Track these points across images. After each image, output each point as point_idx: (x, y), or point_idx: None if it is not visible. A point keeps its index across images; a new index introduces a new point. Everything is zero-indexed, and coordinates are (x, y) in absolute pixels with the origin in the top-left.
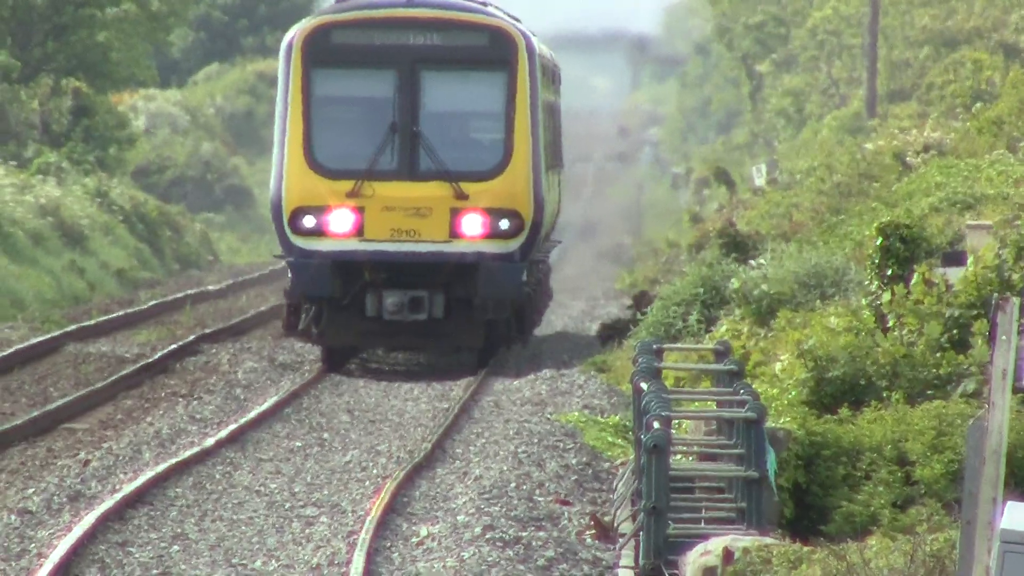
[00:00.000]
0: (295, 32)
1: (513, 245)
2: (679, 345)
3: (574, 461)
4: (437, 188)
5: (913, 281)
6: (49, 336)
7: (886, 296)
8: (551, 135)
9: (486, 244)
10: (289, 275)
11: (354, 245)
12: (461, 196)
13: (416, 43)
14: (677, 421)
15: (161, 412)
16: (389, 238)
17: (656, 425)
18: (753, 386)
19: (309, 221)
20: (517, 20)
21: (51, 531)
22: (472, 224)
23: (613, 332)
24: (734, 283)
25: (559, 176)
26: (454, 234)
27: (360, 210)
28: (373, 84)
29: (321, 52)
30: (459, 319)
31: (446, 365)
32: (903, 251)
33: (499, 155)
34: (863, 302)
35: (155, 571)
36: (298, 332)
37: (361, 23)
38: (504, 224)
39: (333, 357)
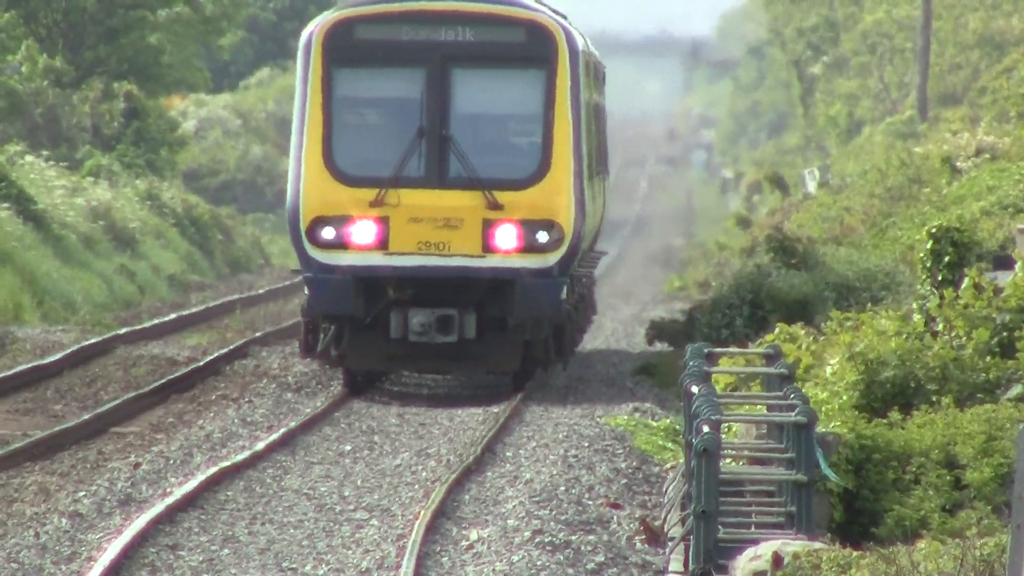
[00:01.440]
0: (314, 27)
1: (551, 259)
2: (729, 349)
3: (624, 465)
4: (468, 197)
5: (964, 285)
6: (100, 339)
7: (934, 300)
8: (595, 139)
9: (522, 258)
10: (306, 291)
11: (377, 259)
12: (495, 206)
13: (446, 39)
14: (727, 425)
15: (212, 415)
16: (416, 251)
17: (706, 429)
18: (803, 390)
19: (328, 233)
20: (560, 15)
21: (101, 534)
22: (507, 236)
23: (661, 333)
24: (770, 288)
25: (604, 183)
26: (487, 247)
27: (384, 221)
28: (399, 84)
29: (343, 49)
30: (492, 340)
31: (475, 389)
32: (954, 255)
33: (536, 161)
34: (914, 305)
35: (205, 574)
36: (316, 354)
37: (386, 17)
38: (542, 237)
39: (355, 381)
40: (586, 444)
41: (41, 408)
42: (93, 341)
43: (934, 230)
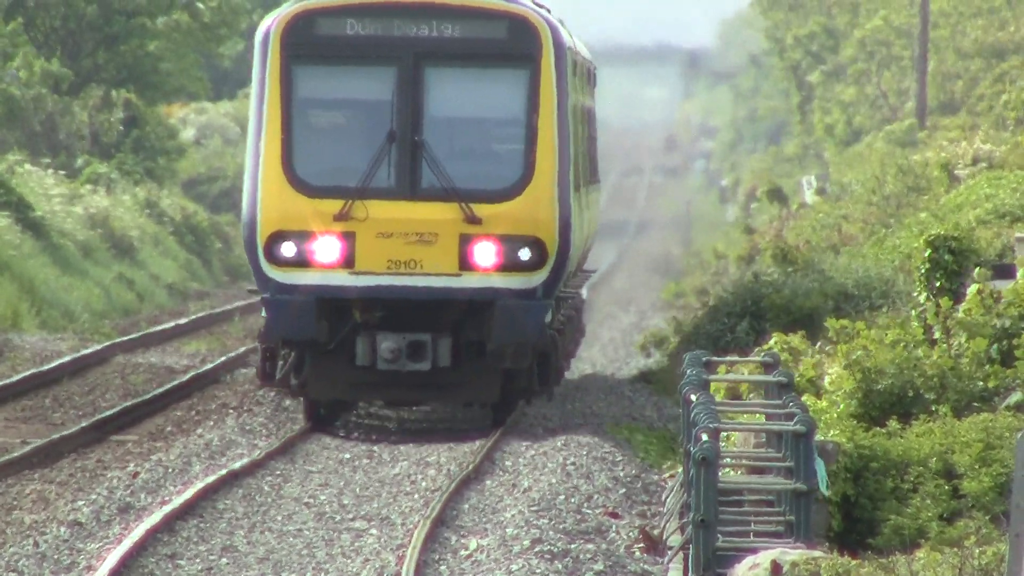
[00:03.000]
0: (272, 20)
1: (535, 279)
2: (728, 358)
3: (623, 473)
4: (443, 210)
5: (970, 292)
6: (99, 347)
7: (931, 308)
8: (584, 146)
9: (502, 278)
10: (264, 314)
11: (342, 278)
12: (472, 220)
13: (419, 34)
14: (725, 433)
15: (211, 423)
16: (385, 270)
17: (704, 438)
18: (803, 398)
19: (288, 249)
20: (544, 8)
21: (100, 543)
22: (485, 254)
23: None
24: (769, 299)
25: (595, 194)
26: (464, 266)
27: (350, 236)
28: (366, 83)
29: (303, 45)
30: (470, 368)
31: (451, 422)
32: (952, 263)
33: (519, 170)
34: (912, 314)
35: None
36: (275, 383)
37: (352, 10)
38: (524, 254)
39: (317, 413)
40: (585, 452)
41: (40, 416)
42: (92, 349)
43: (932, 238)
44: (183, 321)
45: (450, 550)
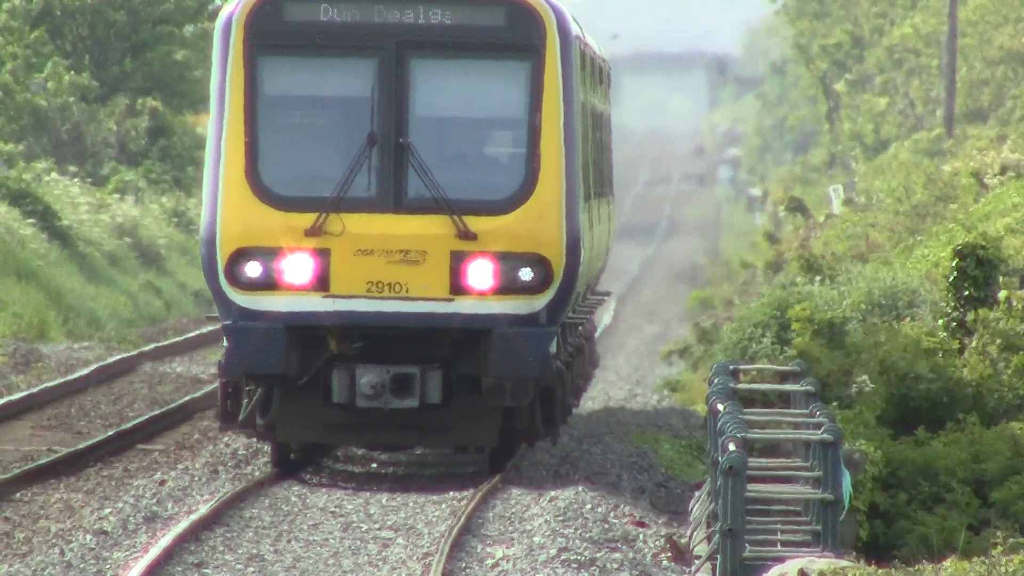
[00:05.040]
0: (234, 5)
1: (538, 304)
2: (755, 366)
3: (649, 482)
4: (432, 224)
5: (1001, 300)
6: (125, 356)
7: (970, 316)
8: (596, 152)
9: (500, 302)
10: (225, 344)
11: (316, 303)
12: (466, 235)
13: (404, 21)
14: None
15: (237, 432)
16: (365, 293)
17: (732, 447)
18: (829, 407)
19: (253, 269)
20: None
21: (127, 552)
22: (481, 274)
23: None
24: (793, 310)
25: (608, 208)
26: (456, 288)
27: (324, 254)
28: (343, 78)
29: (270, 33)
30: (463, 407)
31: (442, 469)
32: (979, 273)
33: (519, 178)
34: (939, 323)
35: None
36: (237, 425)
37: None
38: (525, 274)
39: (287, 458)
40: (611, 461)
41: (66, 425)
42: (118, 358)
43: (960, 247)
44: (209, 330)
45: (476, 559)
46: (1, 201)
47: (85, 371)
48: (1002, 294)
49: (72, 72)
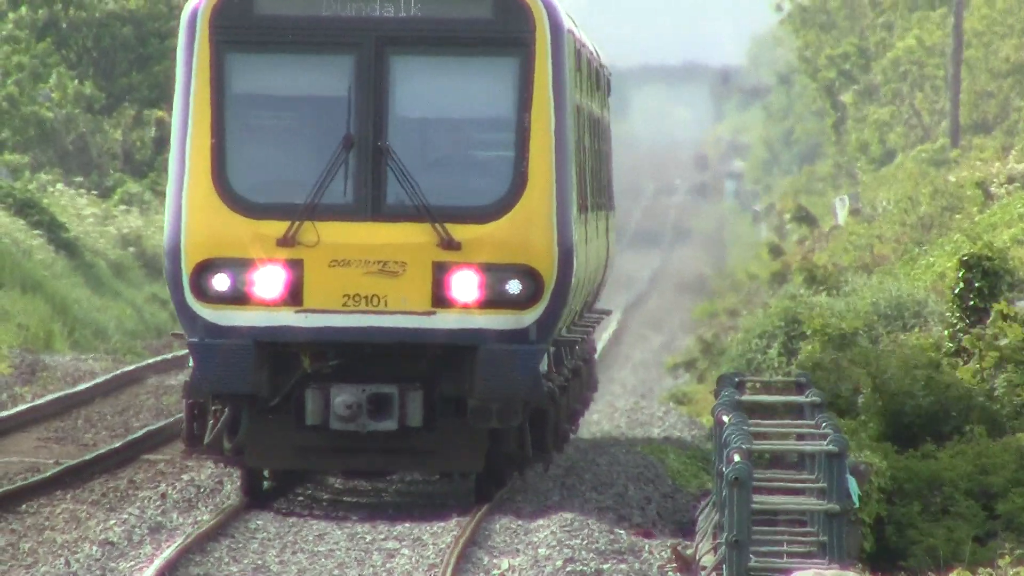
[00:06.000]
0: None
1: (527, 318)
2: (761, 377)
3: (655, 493)
4: (413, 232)
5: (991, 317)
6: (131, 368)
7: (971, 336)
8: (593, 160)
9: (486, 317)
10: (190, 363)
11: (288, 318)
12: (449, 244)
13: (383, 14)
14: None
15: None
16: (340, 307)
17: (737, 458)
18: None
19: (220, 282)
20: None
21: (132, 563)
22: (465, 286)
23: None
24: (813, 322)
25: (607, 221)
26: (439, 301)
27: (297, 265)
28: (317, 76)
29: (239, 28)
30: (446, 429)
31: (425, 497)
32: (984, 284)
33: (507, 182)
34: (944, 334)
35: None
36: (204, 448)
37: None
38: (513, 287)
39: (257, 486)
40: (617, 472)
41: (72, 436)
42: (124, 370)
43: (966, 258)
44: None
45: (482, 570)
46: (7, 212)
47: (91, 383)
48: (995, 307)
49: (77, 82)
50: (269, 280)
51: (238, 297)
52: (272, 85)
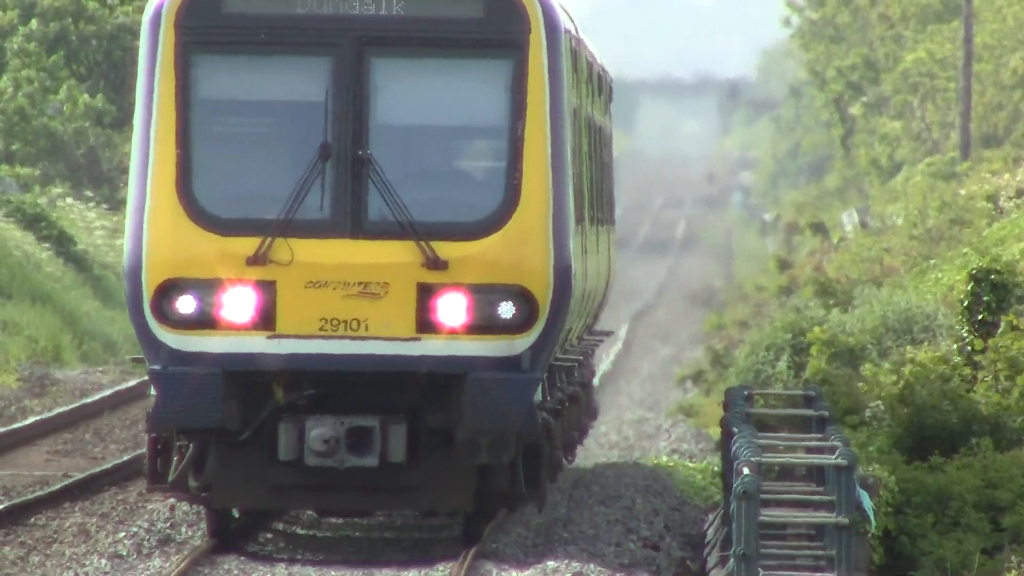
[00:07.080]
0: None
1: (520, 344)
2: (769, 390)
3: (663, 505)
4: (396, 251)
5: (1001, 329)
6: (140, 381)
7: (979, 344)
8: (593, 170)
9: (476, 343)
10: (152, 393)
11: (259, 344)
12: (435, 264)
13: (364, 12)
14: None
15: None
16: (317, 332)
17: (746, 471)
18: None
19: (186, 304)
20: None
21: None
22: (453, 310)
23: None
24: (813, 333)
25: (608, 236)
26: (424, 326)
27: (269, 286)
28: (292, 80)
29: (206, 28)
30: (432, 465)
31: (407, 537)
32: (993, 299)
33: (498, 196)
34: (953, 347)
35: None
36: (168, 486)
37: None
38: (505, 310)
39: (225, 526)
40: (625, 484)
41: (81, 449)
42: (133, 383)
43: (975, 271)
44: None
45: None
46: (17, 225)
47: (100, 396)
48: (1005, 319)
49: (88, 96)
50: (239, 302)
51: (205, 321)
52: (242, 89)
